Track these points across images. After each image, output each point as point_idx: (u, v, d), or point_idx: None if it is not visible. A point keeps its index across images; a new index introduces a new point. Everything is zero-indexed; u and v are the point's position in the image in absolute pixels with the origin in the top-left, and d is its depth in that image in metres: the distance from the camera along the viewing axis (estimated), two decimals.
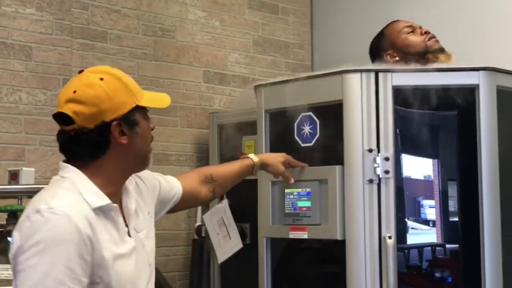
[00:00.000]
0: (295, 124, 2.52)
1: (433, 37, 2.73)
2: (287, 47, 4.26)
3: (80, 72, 1.74)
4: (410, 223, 2.48)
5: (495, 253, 2.29)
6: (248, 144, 3.27)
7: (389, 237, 2.26)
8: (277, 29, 4.21)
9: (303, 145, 2.49)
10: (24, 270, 1.53)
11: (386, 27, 2.82)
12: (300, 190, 2.43)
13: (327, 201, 2.36)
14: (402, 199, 2.41)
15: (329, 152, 2.42)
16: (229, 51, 3.97)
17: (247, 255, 2.61)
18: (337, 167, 2.34)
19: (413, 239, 2.50)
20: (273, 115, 2.60)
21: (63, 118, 1.67)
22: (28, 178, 2.57)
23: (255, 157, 2.35)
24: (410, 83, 2.35)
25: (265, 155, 2.43)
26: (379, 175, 2.29)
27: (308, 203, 2.41)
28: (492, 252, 2.29)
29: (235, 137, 3.41)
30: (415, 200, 2.53)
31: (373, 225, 2.28)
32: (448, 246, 2.54)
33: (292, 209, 2.45)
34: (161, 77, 3.66)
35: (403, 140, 2.40)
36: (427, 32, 2.73)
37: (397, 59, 2.73)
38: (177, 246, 3.67)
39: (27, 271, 1.53)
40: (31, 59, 3.21)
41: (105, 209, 1.68)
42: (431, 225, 2.53)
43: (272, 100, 2.59)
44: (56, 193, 1.63)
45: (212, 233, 2.62)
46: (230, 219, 2.66)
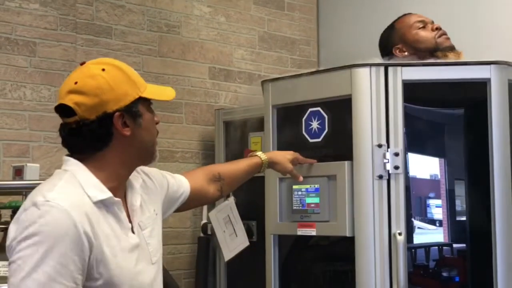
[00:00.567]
0: (303, 119, 2.49)
1: (444, 34, 2.69)
2: (293, 44, 4.22)
3: (81, 64, 1.71)
4: (416, 223, 2.45)
5: (506, 252, 2.26)
6: (254, 140, 3.25)
7: (399, 234, 2.23)
8: (283, 25, 4.18)
9: (311, 140, 2.47)
10: (15, 262, 1.51)
11: (397, 20, 2.78)
12: (308, 186, 2.40)
13: (336, 197, 2.34)
14: (408, 198, 2.38)
15: (337, 147, 2.40)
16: (235, 47, 3.94)
17: (253, 253, 2.59)
18: (346, 163, 2.31)
19: (419, 238, 2.47)
20: (280, 111, 2.58)
21: (65, 110, 1.64)
22: (32, 174, 2.54)
23: (263, 155, 2.31)
24: (420, 77, 2.33)
25: (273, 153, 2.40)
26: (388, 171, 2.26)
27: (316, 200, 2.38)
28: (504, 251, 2.26)
29: (241, 134, 3.39)
30: (421, 199, 2.50)
31: (383, 221, 2.26)
32: (455, 245, 2.51)
33: (300, 205, 2.42)
34: (166, 73, 3.63)
35: (409, 138, 2.37)
36: (438, 28, 2.69)
37: (406, 54, 2.70)
38: (183, 244, 3.64)
39: (19, 263, 1.50)
40: (35, 55, 3.18)
41: (107, 203, 1.65)
42: (437, 224, 2.50)
43: (279, 95, 2.56)
44: (54, 185, 1.60)
45: (218, 231, 2.60)
46: (236, 217, 2.64)
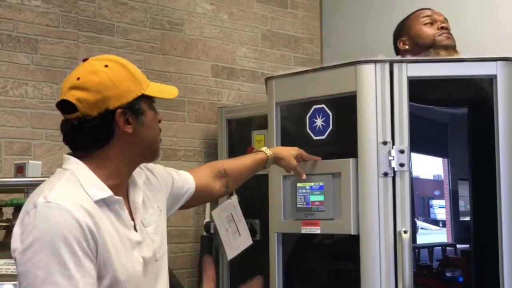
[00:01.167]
0: (307, 116, 2.47)
1: (446, 33, 2.67)
2: (296, 42, 4.21)
3: (84, 60, 1.69)
4: (419, 223, 2.43)
5: None
6: (258, 138, 3.23)
7: (405, 232, 2.21)
8: (286, 23, 4.16)
9: (316, 138, 2.45)
10: (22, 267, 1.49)
11: (412, 13, 2.78)
12: (312, 184, 2.38)
13: (340, 195, 2.31)
14: (411, 199, 2.36)
15: (342, 145, 2.38)
16: (238, 45, 3.92)
17: (257, 252, 2.56)
18: (351, 160, 2.29)
19: (422, 239, 2.45)
20: (284, 108, 2.55)
21: (67, 106, 1.62)
22: (34, 171, 2.53)
23: (268, 150, 2.30)
24: (425, 74, 2.30)
25: (278, 149, 2.38)
26: (394, 168, 2.24)
27: (321, 197, 2.36)
28: (510, 251, 2.23)
29: (244, 132, 3.37)
30: (424, 199, 2.48)
31: (388, 219, 2.23)
32: (458, 246, 2.49)
33: (304, 203, 2.40)
34: (169, 71, 3.61)
35: (413, 137, 2.34)
36: (443, 27, 2.67)
37: (407, 47, 2.70)
38: (186, 243, 3.62)
39: (25, 270, 1.48)
40: (37, 52, 3.17)
41: (108, 202, 1.63)
42: (441, 225, 2.48)
43: (283, 92, 2.54)
44: (54, 185, 1.58)
45: (221, 229, 2.58)
46: (239, 215, 2.62)
